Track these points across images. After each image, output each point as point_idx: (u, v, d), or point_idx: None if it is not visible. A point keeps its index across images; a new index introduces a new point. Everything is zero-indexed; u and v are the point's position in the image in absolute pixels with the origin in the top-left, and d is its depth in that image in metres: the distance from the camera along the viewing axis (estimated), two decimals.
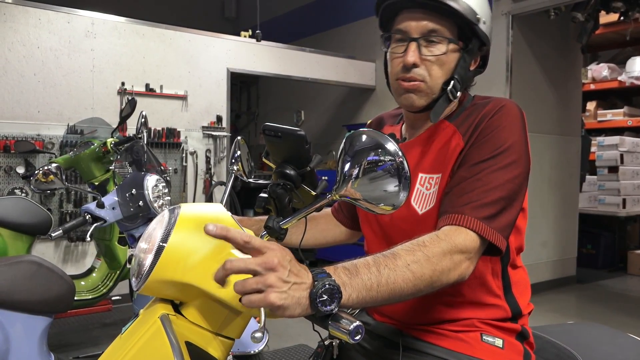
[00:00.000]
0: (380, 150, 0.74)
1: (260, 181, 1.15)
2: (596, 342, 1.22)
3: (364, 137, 0.75)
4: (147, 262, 0.76)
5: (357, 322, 0.66)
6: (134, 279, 0.79)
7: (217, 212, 0.83)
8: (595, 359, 1.11)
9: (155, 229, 0.80)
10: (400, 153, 0.73)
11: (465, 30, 1.00)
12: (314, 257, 5.11)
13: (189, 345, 0.76)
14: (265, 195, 0.84)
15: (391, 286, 0.76)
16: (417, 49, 0.98)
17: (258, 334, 0.66)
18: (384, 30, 1.06)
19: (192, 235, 0.77)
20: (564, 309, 4.09)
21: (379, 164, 0.73)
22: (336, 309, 0.69)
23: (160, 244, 0.76)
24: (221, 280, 0.69)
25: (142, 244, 0.80)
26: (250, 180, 1.07)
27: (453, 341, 0.97)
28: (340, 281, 0.71)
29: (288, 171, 0.82)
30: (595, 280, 4.97)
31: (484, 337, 0.97)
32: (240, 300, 0.68)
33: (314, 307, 0.68)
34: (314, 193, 0.83)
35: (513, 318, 1.02)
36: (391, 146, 0.74)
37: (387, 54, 1.05)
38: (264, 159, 0.90)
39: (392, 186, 0.73)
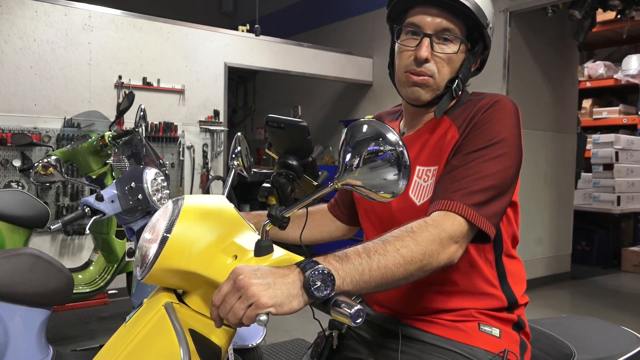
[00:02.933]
0: (381, 139, 0.75)
1: (264, 170, 1.16)
2: (589, 334, 1.25)
3: (365, 128, 0.76)
4: (152, 251, 0.77)
5: (358, 306, 0.67)
6: (138, 269, 0.80)
7: (221, 204, 0.84)
8: (588, 349, 1.13)
9: (159, 220, 0.81)
10: (400, 143, 0.75)
11: (473, 32, 1.02)
12: (310, 252, 5.11)
13: (192, 332, 0.77)
14: (268, 185, 0.85)
15: (382, 270, 0.78)
16: (430, 45, 0.99)
17: (263, 317, 0.67)
18: (392, 23, 1.07)
19: (196, 226, 0.78)
20: (558, 304, 4.12)
21: (380, 153, 0.74)
22: (332, 293, 0.70)
23: (164, 234, 0.77)
24: (217, 318, 0.72)
25: (146, 234, 0.81)
26: (254, 170, 1.08)
27: (451, 330, 0.99)
28: (332, 267, 0.73)
29: (290, 161, 0.83)
30: (589, 276, 5.01)
31: (482, 327, 0.99)
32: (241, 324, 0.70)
33: (310, 295, 0.69)
34: (315, 183, 0.84)
35: (509, 308, 1.04)
36: (392, 136, 0.75)
37: (395, 45, 1.06)
38: (266, 150, 0.91)
39: (391, 175, 0.74)
